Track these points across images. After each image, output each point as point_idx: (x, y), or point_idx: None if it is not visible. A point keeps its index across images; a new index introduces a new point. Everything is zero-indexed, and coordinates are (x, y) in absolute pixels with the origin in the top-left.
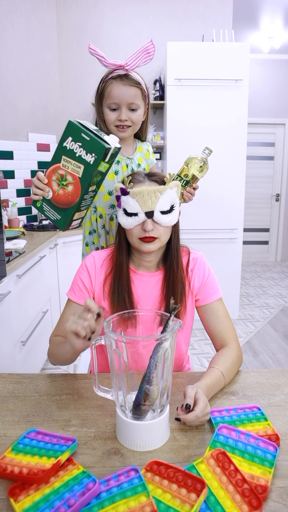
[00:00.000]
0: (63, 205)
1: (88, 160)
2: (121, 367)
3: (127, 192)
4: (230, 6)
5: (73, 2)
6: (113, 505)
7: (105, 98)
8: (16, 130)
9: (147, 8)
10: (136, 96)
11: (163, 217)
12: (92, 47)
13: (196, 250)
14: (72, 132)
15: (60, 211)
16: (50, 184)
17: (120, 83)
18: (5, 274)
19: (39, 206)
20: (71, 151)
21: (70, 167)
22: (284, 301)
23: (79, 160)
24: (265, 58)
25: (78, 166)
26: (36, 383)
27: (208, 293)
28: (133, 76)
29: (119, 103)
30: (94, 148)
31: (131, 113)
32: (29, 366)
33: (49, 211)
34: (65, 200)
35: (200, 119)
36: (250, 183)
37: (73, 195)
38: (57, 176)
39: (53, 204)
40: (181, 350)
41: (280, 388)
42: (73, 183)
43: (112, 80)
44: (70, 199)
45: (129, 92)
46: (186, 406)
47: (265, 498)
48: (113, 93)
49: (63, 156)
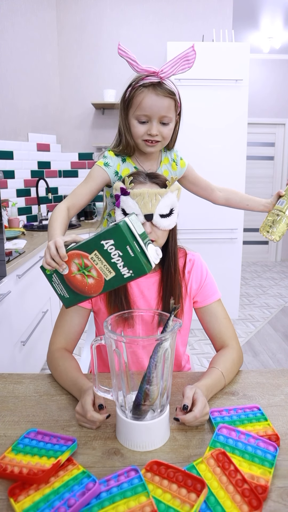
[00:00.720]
0: (75, 288)
1: (123, 273)
2: (121, 367)
3: (127, 193)
4: (230, 6)
5: (73, 2)
6: (113, 505)
7: (134, 107)
8: (16, 130)
9: (147, 8)
10: (170, 108)
11: (162, 220)
12: (122, 48)
13: (193, 251)
14: (118, 237)
15: (71, 292)
16: (69, 263)
17: (153, 93)
18: (5, 274)
19: (48, 274)
20: (107, 253)
21: (99, 265)
22: (284, 301)
23: (113, 266)
24: (265, 58)
25: (109, 271)
26: (36, 383)
27: (206, 294)
28: (168, 85)
29: (150, 116)
30: (135, 267)
31: (162, 127)
32: (29, 366)
33: (58, 284)
34: (80, 287)
35: (200, 119)
36: (250, 183)
37: (90, 289)
38: (80, 262)
39: (65, 281)
40: (178, 351)
41: (280, 388)
42: (96, 279)
43: (143, 89)
44: (86, 290)
45: (162, 103)
46: (184, 406)
47: (265, 498)
48: (144, 103)
49: (96, 250)
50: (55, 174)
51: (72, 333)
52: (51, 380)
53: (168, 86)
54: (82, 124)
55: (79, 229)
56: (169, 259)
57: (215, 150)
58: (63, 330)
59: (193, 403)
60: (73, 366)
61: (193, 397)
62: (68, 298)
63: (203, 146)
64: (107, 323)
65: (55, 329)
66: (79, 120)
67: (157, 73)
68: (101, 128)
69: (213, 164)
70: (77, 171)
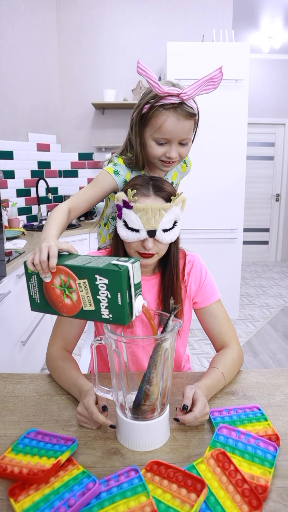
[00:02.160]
0: (49, 299)
1: (102, 313)
2: (121, 367)
3: (130, 206)
4: (230, 6)
5: (73, 2)
6: (113, 505)
7: (153, 129)
8: (16, 130)
9: (147, 8)
10: (190, 130)
11: (165, 235)
12: (142, 66)
13: (192, 252)
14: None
15: (43, 299)
16: (54, 274)
17: (174, 117)
18: (5, 274)
19: (29, 273)
20: (96, 288)
21: (83, 293)
22: (284, 301)
23: (96, 302)
24: (265, 58)
25: (90, 303)
26: (36, 383)
27: (206, 295)
28: (190, 106)
29: (171, 140)
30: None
31: (180, 148)
32: (29, 366)
33: (34, 286)
34: (54, 300)
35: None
36: (250, 183)
37: (64, 307)
38: (66, 280)
39: (41, 287)
40: (178, 352)
41: (280, 388)
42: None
43: (164, 111)
44: (59, 307)
45: (184, 127)
46: (184, 407)
47: (265, 498)
48: (165, 127)
49: (86, 279)
50: (55, 174)
51: (71, 334)
52: (51, 380)
53: (191, 106)
54: (82, 124)
55: (79, 229)
56: (171, 267)
57: (215, 150)
58: (62, 331)
59: (193, 403)
60: (72, 367)
61: (193, 397)
62: (37, 304)
63: (203, 146)
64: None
65: (54, 331)
66: (79, 120)
67: (179, 95)
68: (101, 128)
69: (213, 164)
70: (77, 171)
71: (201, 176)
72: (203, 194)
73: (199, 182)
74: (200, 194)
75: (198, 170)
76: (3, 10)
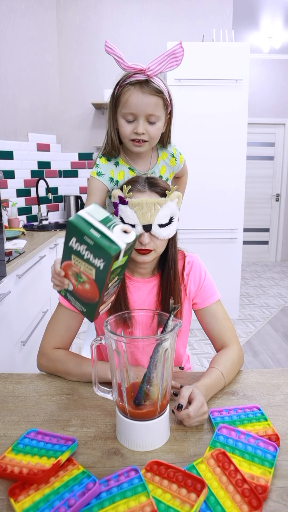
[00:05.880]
0: (85, 299)
1: (98, 265)
2: (121, 367)
3: (126, 202)
4: (230, 6)
5: (73, 2)
6: (113, 505)
7: (121, 106)
8: (16, 130)
9: (147, 8)
10: (157, 107)
11: (161, 230)
12: (109, 45)
13: (192, 253)
14: (74, 232)
15: (84, 304)
16: (68, 277)
17: (139, 91)
18: (5, 274)
19: (64, 295)
20: (78, 252)
21: (81, 267)
22: (284, 301)
23: (88, 262)
24: (265, 58)
25: (89, 268)
26: (36, 383)
27: (205, 296)
28: (155, 83)
29: (137, 114)
30: (101, 253)
31: (149, 126)
32: (29, 366)
33: (73, 301)
34: (85, 295)
35: (200, 119)
36: (250, 183)
37: (92, 293)
38: (72, 272)
39: (75, 296)
40: (178, 353)
41: (280, 388)
42: (89, 282)
43: (130, 87)
44: (90, 296)
45: (149, 101)
46: (178, 406)
47: (265, 498)
48: (131, 102)
49: (72, 255)
50: (55, 174)
51: (68, 332)
52: (51, 380)
53: (156, 83)
54: (82, 124)
55: None
56: (169, 266)
57: (215, 150)
58: (59, 332)
59: (190, 402)
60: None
61: (190, 396)
62: (86, 311)
63: (203, 146)
64: (107, 323)
65: (48, 331)
66: (79, 120)
67: (144, 70)
68: (101, 128)
69: (213, 164)
70: (77, 171)
71: (201, 176)
72: (203, 194)
73: (199, 182)
74: (200, 194)
75: (198, 170)
76: (3, 10)
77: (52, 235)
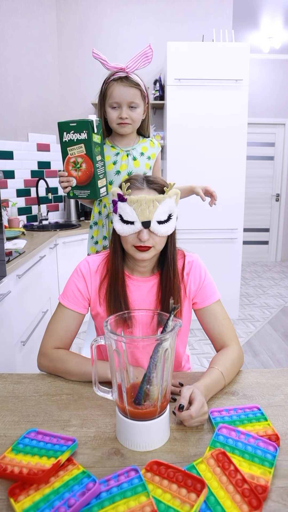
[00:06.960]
0: (86, 181)
1: (84, 137)
2: (121, 367)
3: (124, 199)
4: (230, 6)
5: (73, 2)
6: (113, 505)
7: (107, 98)
8: (16, 130)
9: (147, 8)
10: (136, 96)
11: (160, 227)
12: (96, 52)
13: (192, 253)
14: (63, 127)
15: (87, 186)
16: (70, 174)
17: (120, 84)
18: (5, 274)
19: (72, 195)
20: (70, 141)
21: (76, 152)
22: (284, 301)
23: (78, 142)
24: (265, 58)
25: (80, 147)
26: (36, 383)
27: (205, 295)
28: (133, 78)
29: (120, 102)
30: (82, 127)
31: (131, 111)
32: (29, 366)
33: (80, 193)
34: (85, 176)
35: (200, 119)
36: (250, 183)
37: (89, 169)
38: (71, 165)
39: (80, 186)
40: (178, 352)
41: (280, 388)
42: (84, 160)
43: (113, 82)
44: (89, 173)
45: (129, 92)
46: (180, 406)
47: (265, 498)
48: (115, 93)
49: (67, 148)
50: (55, 174)
51: (69, 332)
52: (51, 380)
53: (133, 78)
54: None
55: (79, 229)
56: (168, 264)
57: (215, 150)
58: (60, 331)
59: (190, 402)
60: (71, 352)
61: (190, 396)
62: (91, 192)
63: (203, 146)
64: (107, 323)
65: (49, 331)
66: None
67: (123, 68)
68: None
69: (213, 164)
70: None
71: (201, 176)
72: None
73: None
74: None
75: (197, 170)
76: (3, 10)
77: (52, 235)
